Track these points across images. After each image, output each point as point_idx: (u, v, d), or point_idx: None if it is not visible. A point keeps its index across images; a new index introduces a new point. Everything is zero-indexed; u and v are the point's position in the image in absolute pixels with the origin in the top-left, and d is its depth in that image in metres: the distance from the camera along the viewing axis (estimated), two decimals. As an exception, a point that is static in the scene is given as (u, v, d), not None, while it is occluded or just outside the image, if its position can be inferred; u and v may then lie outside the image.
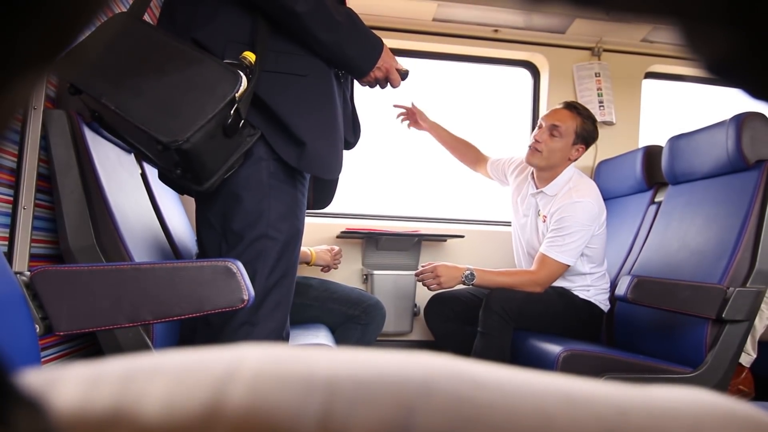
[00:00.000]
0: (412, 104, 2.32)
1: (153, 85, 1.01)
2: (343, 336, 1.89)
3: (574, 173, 2.06)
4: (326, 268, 2.11)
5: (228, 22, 1.13)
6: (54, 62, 0.16)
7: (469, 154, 2.41)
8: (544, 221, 2.03)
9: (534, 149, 2.02)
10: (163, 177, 1.30)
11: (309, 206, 1.36)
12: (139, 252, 1.34)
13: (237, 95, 1.03)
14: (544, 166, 2.03)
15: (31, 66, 0.16)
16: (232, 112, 1.03)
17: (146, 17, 1.13)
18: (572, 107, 2.04)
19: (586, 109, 2.07)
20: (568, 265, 1.94)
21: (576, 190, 1.98)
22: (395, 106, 2.31)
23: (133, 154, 1.67)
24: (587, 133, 2.02)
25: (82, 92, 1.02)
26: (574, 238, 1.92)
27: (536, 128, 2.07)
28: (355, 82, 1.35)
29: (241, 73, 1.04)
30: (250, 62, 1.08)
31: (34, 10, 0.14)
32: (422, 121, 2.32)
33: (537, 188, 2.08)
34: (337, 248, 2.14)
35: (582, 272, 2.01)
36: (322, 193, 1.43)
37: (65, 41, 0.16)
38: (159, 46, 1.05)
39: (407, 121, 2.32)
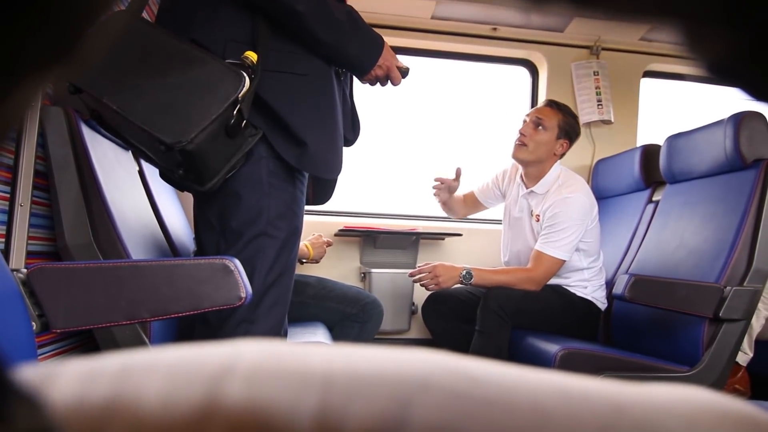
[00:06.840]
0: (458, 171, 2.23)
1: (155, 85, 1.01)
2: (340, 334, 1.89)
3: (562, 170, 2.08)
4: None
5: (228, 22, 1.13)
6: (59, 66, 0.16)
7: (458, 207, 2.39)
8: (538, 221, 2.04)
9: (520, 143, 2.05)
10: (164, 176, 1.30)
11: (308, 201, 1.36)
12: (137, 249, 1.34)
13: (240, 96, 1.03)
14: (531, 160, 2.05)
15: (37, 70, 0.16)
16: (234, 112, 1.03)
17: (145, 15, 1.13)
18: (552, 104, 2.10)
19: (567, 106, 2.11)
20: (564, 261, 1.95)
21: (566, 186, 2.00)
22: (437, 179, 2.24)
23: (130, 152, 1.66)
24: (569, 127, 2.06)
25: (82, 91, 1.02)
26: (567, 233, 1.93)
27: (522, 125, 2.10)
28: (355, 78, 1.34)
29: (244, 74, 1.04)
30: (252, 62, 1.07)
31: (40, 14, 0.14)
32: (452, 193, 2.29)
33: (527, 188, 2.10)
34: (323, 236, 2.14)
35: (579, 267, 2.02)
36: (322, 189, 1.43)
37: (71, 45, 0.16)
38: (160, 46, 1.04)
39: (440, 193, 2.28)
